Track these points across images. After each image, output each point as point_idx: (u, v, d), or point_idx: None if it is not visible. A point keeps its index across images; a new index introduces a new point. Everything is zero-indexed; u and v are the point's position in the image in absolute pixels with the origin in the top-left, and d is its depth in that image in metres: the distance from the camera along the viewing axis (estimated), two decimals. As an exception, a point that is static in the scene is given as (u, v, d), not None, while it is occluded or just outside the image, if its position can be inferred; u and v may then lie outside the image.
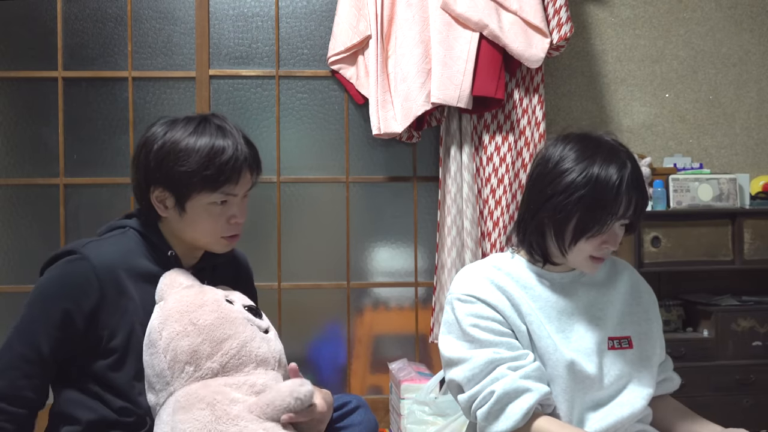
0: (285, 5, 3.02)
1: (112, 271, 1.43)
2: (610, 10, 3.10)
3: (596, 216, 1.36)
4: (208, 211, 1.47)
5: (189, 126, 1.49)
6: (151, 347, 1.41)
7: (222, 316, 1.42)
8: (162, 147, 1.47)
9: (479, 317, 1.39)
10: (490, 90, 2.71)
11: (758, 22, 3.15)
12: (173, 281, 1.46)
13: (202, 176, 1.43)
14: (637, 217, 1.40)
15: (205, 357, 1.38)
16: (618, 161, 1.38)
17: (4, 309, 2.92)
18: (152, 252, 1.50)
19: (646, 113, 3.11)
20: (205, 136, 1.46)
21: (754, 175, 3.06)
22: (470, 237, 2.77)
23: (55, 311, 1.40)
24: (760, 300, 2.86)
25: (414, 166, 3.04)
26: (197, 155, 1.44)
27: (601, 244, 1.39)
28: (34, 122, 2.95)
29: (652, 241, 2.75)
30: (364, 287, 3.04)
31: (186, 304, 1.41)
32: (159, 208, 1.49)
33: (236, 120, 2.96)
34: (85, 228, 2.94)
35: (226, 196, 1.47)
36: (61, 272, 1.44)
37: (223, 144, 1.46)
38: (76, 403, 1.43)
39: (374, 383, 3.00)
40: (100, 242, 1.50)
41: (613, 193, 1.35)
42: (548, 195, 1.38)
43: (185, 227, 1.49)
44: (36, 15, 2.95)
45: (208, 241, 1.51)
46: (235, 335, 1.41)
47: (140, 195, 1.51)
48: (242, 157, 1.48)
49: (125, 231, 1.52)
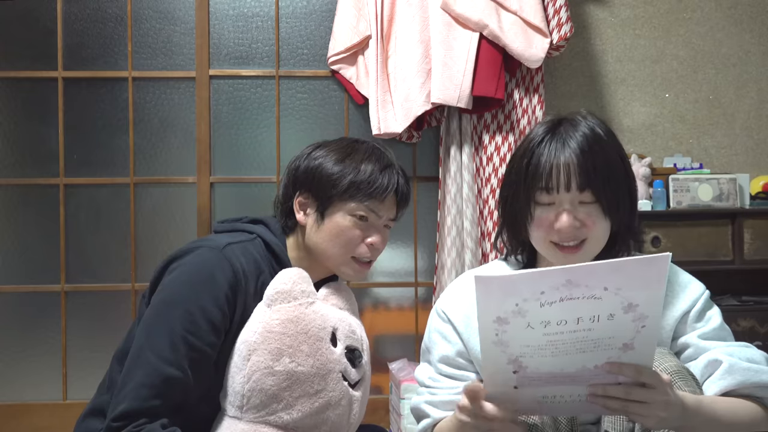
0: (285, 5, 3.02)
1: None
2: (610, 10, 3.10)
3: (520, 190, 1.30)
4: (346, 223, 1.45)
5: (344, 141, 1.51)
6: (239, 358, 1.35)
7: (318, 365, 1.35)
8: (316, 156, 1.48)
9: (445, 341, 1.42)
10: (490, 90, 2.71)
11: (758, 22, 3.15)
12: (290, 291, 1.38)
13: (349, 182, 1.42)
14: (582, 188, 1.26)
15: (282, 407, 1.33)
16: (564, 127, 1.29)
17: (4, 309, 2.92)
18: (273, 267, 1.46)
19: (646, 113, 3.11)
20: (360, 152, 1.47)
21: (754, 175, 3.06)
22: (470, 237, 2.77)
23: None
24: (760, 300, 2.85)
25: (414, 166, 3.04)
26: (350, 163, 1.44)
27: (551, 225, 1.28)
28: (34, 122, 2.95)
29: (652, 241, 2.75)
30: (364, 287, 3.04)
31: (288, 335, 1.34)
32: (299, 214, 1.47)
33: (236, 120, 2.99)
34: (85, 228, 2.94)
35: (369, 212, 1.45)
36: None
37: (377, 161, 1.47)
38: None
39: (374, 383, 2.98)
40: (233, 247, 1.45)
41: (532, 151, 1.28)
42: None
43: (320, 239, 1.46)
44: (36, 15, 2.95)
45: (339, 261, 1.48)
46: (322, 393, 1.35)
47: (284, 200, 1.51)
48: (394, 179, 1.47)
49: (254, 239, 1.48)
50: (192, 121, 2.97)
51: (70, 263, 2.92)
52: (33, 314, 2.92)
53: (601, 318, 1.03)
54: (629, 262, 1.01)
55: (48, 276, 2.92)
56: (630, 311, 1.03)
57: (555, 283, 1.00)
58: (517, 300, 1.02)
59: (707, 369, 1.29)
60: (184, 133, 2.98)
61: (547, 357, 1.07)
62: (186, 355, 1.30)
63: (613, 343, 1.06)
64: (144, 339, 1.32)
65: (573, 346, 1.06)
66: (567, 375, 1.09)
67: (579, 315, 1.03)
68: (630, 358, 1.08)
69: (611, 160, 1.30)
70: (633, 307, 1.03)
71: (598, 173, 1.27)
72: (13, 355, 2.91)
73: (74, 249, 2.93)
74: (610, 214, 1.30)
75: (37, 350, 2.91)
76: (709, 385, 1.27)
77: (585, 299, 1.01)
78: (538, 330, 1.04)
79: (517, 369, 1.09)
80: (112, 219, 2.95)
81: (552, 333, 1.04)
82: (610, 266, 1.00)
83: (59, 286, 2.91)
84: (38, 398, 2.89)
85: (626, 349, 1.07)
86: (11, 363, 2.90)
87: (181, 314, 1.31)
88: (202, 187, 2.95)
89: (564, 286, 1.00)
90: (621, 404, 1.10)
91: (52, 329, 2.91)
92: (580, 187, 1.26)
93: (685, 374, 1.23)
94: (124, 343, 1.42)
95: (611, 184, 1.28)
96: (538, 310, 1.02)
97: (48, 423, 2.84)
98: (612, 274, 1.00)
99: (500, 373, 1.10)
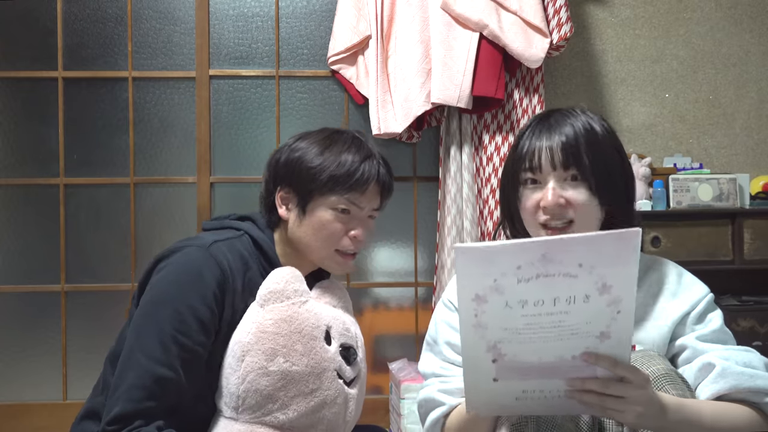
0: (285, 5, 3.02)
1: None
2: (610, 10, 3.10)
3: (509, 176, 1.33)
4: (328, 217, 1.44)
5: (324, 133, 1.50)
6: (233, 359, 1.35)
7: (312, 364, 1.34)
8: (294, 149, 1.47)
9: (451, 329, 1.41)
10: (490, 90, 2.71)
11: (758, 22, 3.15)
12: (282, 291, 1.38)
13: (329, 176, 1.42)
14: (566, 165, 1.27)
15: (278, 407, 1.33)
16: (554, 116, 1.32)
17: (4, 309, 2.92)
18: (261, 263, 1.46)
19: (646, 113, 3.11)
20: (340, 143, 1.46)
21: (754, 175, 3.06)
22: (470, 237, 2.77)
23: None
24: (760, 300, 2.85)
25: (414, 166, 3.04)
26: (329, 155, 1.43)
27: (538, 206, 1.30)
28: (34, 122, 2.95)
29: (652, 241, 2.75)
30: (364, 287, 3.04)
31: (282, 335, 1.33)
32: (281, 209, 1.47)
33: (236, 120, 2.99)
34: (85, 228, 2.94)
35: (350, 205, 1.44)
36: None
37: (357, 152, 1.46)
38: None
39: (374, 383, 2.99)
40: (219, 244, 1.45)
41: (521, 138, 1.32)
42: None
43: (302, 233, 1.46)
44: (36, 15, 2.95)
45: (323, 255, 1.47)
46: (317, 392, 1.35)
47: (266, 194, 1.50)
48: (374, 170, 1.46)
49: (241, 236, 1.48)
50: (192, 121, 2.97)
51: (69, 263, 2.92)
52: (33, 314, 2.92)
53: (577, 300, 1.05)
54: (601, 235, 1.03)
55: (48, 276, 2.92)
56: (605, 293, 1.04)
57: (531, 257, 1.02)
58: (495, 275, 1.03)
59: (701, 372, 1.27)
60: (184, 133, 2.98)
61: (526, 343, 1.07)
62: (177, 354, 1.30)
63: (591, 330, 1.07)
64: (134, 340, 1.32)
65: (551, 332, 1.07)
66: (546, 366, 1.09)
67: (555, 295, 1.04)
68: (607, 348, 1.08)
69: (601, 143, 1.30)
70: (607, 288, 1.04)
71: (583, 152, 1.27)
72: (13, 355, 2.91)
73: (74, 249, 2.93)
74: (599, 194, 1.29)
75: (37, 350, 2.91)
76: (702, 388, 1.25)
77: (561, 277, 1.03)
78: (516, 310, 1.05)
79: (496, 357, 1.09)
80: (112, 219, 2.95)
81: (530, 315, 1.05)
82: (584, 239, 1.02)
83: (59, 286, 2.91)
84: (38, 398, 2.89)
85: (603, 338, 1.08)
86: (11, 363, 2.90)
87: (170, 314, 1.31)
88: (202, 187, 2.95)
89: (540, 262, 1.02)
90: (598, 398, 1.09)
91: (52, 329, 2.91)
92: (564, 164, 1.27)
93: (674, 377, 1.22)
94: (116, 345, 1.42)
95: (599, 164, 1.29)
96: (515, 287, 1.03)
97: (48, 423, 2.84)
98: (585, 247, 1.02)
99: (480, 364, 1.10)
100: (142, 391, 1.27)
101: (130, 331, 1.35)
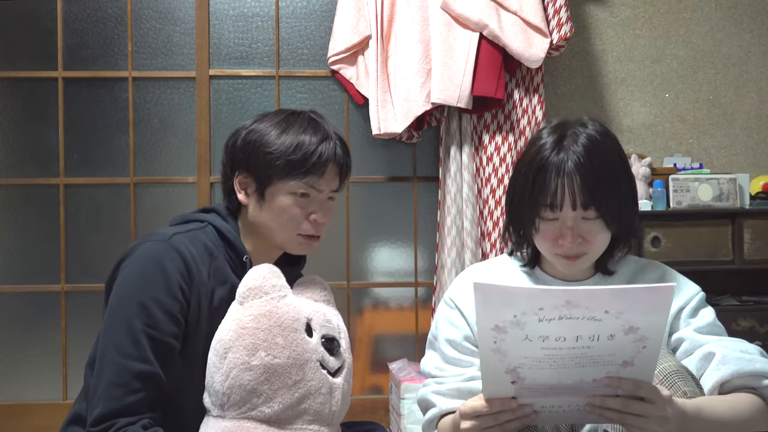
0: (285, 5, 3.02)
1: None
2: (610, 10, 3.10)
3: (525, 202, 1.34)
4: (287, 202, 1.43)
5: (280, 115, 1.48)
6: (216, 358, 1.36)
7: (294, 356, 1.35)
8: (251, 132, 1.46)
9: (452, 326, 1.41)
10: (490, 90, 2.71)
11: (758, 22, 3.15)
12: (260, 287, 1.39)
13: (285, 161, 1.41)
14: (586, 206, 1.29)
15: (263, 401, 1.33)
16: (567, 142, 1.31)
17: (4, 309, 2.92)
18: (227, 252, 1.46)
19: (646, 113, 3.11)
20: (296, 125, 1.45)
21: (754, 175, 3.06)
22: (470, 237, 2.77)
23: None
24: (760, 300, 2.85)
25: (414, 166, 3.04)
26: (285, 139, 1.42)
27: (556, 239, 1.33)
28: (34, 122, 2.95)
29: (652, 241, 2.75)
30: (364, 287, 3.04)
31: (262, 329, 1.34)
32: (240, 194, 1.46)
33: (236, 120, 2.98)
34: (85, 228, 2.94)
35: (309, 189, 1.44)
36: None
37: (313, 134, 1.44)
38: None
39: (374, 383, 2.99)
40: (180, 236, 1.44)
41: (535, 172, 1.31)
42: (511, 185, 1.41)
43: (263, 218, 1.45)
44: (36, 15, 2.95)
45: (284, 238, 1.47)
46: (301, 383, 1.35)
47: (225, 181, 1.49)
48: (331, 151, 1.46)
49: (204, 227, 1.47)
50: (192, 121, 2.97)
51: (70, 263, 2.92)
52: (33, 314, 2.92)
53: (601, 338, 1.03)
54: (632, 290, 1.01)
55: (48, 276, 2.92)
56: (631, 333, 1.03)
57: (554, 302, 1.00)
58: (515, 312, 1.01)
59: (702, 363, 1.31)
60: (184, 133, 2.98)
61: (545, 369, 1.06)
62: (149, 347, 1.30)
63: (613, 359, 1.06)
64: (106, 339, 1.32)
65: (572, 360, 1.06)
66: (565, 387, 1.09)
67: (578, 333, 1.02)
68: (630, 374, 1.08)
69: (613, 170, 1.33)
70: (634, 330, 1.03)
71: (601, 189, 1.30)
72: (13, 355, 2.91)
73: (74, 249, 2.93)
74: (613, 226, 1.33)
75: (37, 350, 2.91)
76: (705, 378, 1.28)
77: (585, 320, 1.01)
78: (536, 343, 1.03)
79: (515, 380, 1.08)
80: (112, 219, 2.95)
81: (550, 348, 1.04)
82: (612, 292, 1.00)
83: (59, 286, 2.91)
84: (38, 398, 2.89)
85: (626, 365, 1.07)
86: (11, 363, 2.90)
87: (136, 309, 1.31)
88: (202, 187, 2.95)
89: (564, 306, 1.00)
90: (619, 416, 1.10)
91: (52, 329, 2.91)
92: (584, 205, 1.30)
93: (685, 374, 1.24)
94: (93, 348, 1.41)
95: (614, 196, 1.32)
96: (537, 325, 1.02)
97: (48, 423, 2.84)
98: (614, 299, 1.00)
99: (498, 382, 1.09)
100: (121, 388, 1.27)
101: (101, 331, 1.36)
